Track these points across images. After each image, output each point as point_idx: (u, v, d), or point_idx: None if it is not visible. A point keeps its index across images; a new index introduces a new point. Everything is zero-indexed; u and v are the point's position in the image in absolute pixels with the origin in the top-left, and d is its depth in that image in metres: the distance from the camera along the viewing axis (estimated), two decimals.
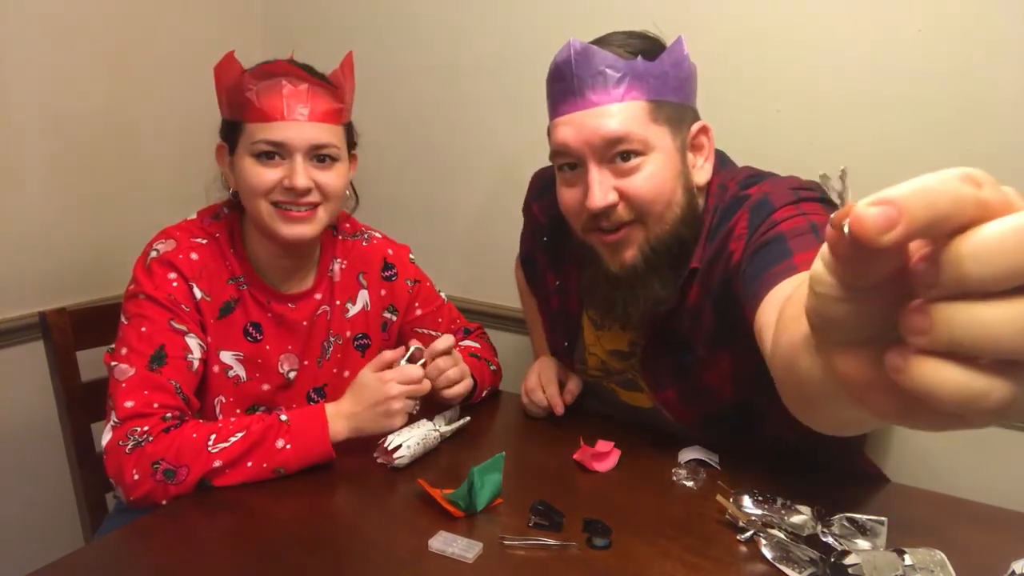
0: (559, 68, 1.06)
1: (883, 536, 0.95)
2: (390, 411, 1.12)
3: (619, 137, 1.02)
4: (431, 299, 1.41)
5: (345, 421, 1.11)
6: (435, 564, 0.90)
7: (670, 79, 1.05)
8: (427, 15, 1.87)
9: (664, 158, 1.05)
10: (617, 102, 1.02)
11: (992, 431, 1.46)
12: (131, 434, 1.04)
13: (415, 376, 1.14)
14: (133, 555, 0.96)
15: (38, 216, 1.62)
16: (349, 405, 1.12)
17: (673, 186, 1.06)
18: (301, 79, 1.13)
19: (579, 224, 1.10)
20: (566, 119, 1.05)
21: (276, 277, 1.24)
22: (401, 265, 1.37)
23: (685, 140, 1.08)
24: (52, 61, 1.60)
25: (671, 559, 0.92)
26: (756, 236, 1.00)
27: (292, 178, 1.12)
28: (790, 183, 1.05)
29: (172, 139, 1.78)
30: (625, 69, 1.02)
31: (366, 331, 1.33)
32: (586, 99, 1.03)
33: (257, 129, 1.12)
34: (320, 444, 1.07)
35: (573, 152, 1.05)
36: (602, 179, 1.04)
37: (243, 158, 1.14)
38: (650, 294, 1.09)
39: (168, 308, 1.12)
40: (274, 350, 1.22)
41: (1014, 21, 1.33)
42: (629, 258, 1.08)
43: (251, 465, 1.03)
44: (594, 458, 1.13)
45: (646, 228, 1.07)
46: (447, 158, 1.92)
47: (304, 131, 1.12)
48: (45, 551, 1.02)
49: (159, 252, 1.15)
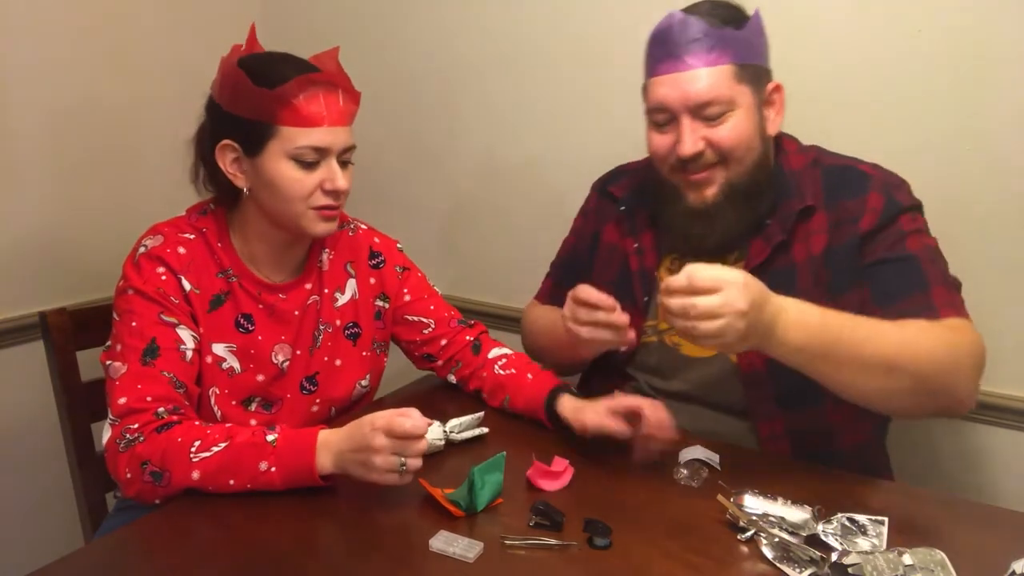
0: (661, 33, 1.22)
1: (883, 536, 0.95)
2: (368, 464, 0.99)
3: (710, 99, 1.18)
4: (420, 287, 1.41)
5: (332, 456, 1.03)
6: (436, 564, 0.90)
7: (752, 45, 1.23)
8: (416, 16, 1.88)
9: (745, 112, 1.21)
10: (709, 65, 1.18)
11: (992, 431, 1.46)
12: (126, 432, 1.05)
13: (405, 430, 0.98)
14: (133, 555, 0.96)
15: (38, 216, 1.62)
16: (338, 440, 1.03)
17: (752, 135, 1.22)
18: (336, 85, 1.14)
19: (666, 167, 1.26)
20: (664, 79, 1.21)
21: (267, 268, 1.25)
22: (388, 253, 1.38)
23: (762, 97, 1.24)
24: (52, 62, 1.61)
25: (671, 559, 0.92)
26: (885, 233, 1.19)
27: (334, 181, 1.15)
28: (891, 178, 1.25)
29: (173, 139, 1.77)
30: (717, 36, 1.18)
31: (356, 320, 1.33)
32: (683, 62, 1.19)
33: (299, 134, 1.12)
34: (306, 473, 1.02)
35: (669, 108, 1.21)
36: (693, 130, 1.20)
37: (279, 162, 1.13)
38: (725, 226, 1.24)
39: (157, 302, 1.13)
40: (267, 340, 1.23)
41: (1015, 21, 1.34)
42: (710, 195, 1.23)
43: (233, 484, 1.02)
44: (544, 476, 1.08)
45: (727, 169, 1.22)
46: (431, 157, 1.93)
47: (339, 136, 1.15)
48: (45, 551, 1.02)
49: (147, 248, 1.16)
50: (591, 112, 1.73)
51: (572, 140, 1.76)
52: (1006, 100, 1.36)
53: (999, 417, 1.45)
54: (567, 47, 1.73)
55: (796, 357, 1.08)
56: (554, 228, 1.77)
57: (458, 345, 1.40)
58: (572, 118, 1.76)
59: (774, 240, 1.24)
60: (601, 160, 1.58)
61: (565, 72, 1.74)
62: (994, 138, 1.38)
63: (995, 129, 1.38)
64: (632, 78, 1.24)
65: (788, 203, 1.25)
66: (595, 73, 1.71)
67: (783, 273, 1.22)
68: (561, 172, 1.79)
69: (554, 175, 1.80)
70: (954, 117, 1.41)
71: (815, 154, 1.31)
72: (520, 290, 1.82)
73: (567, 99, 1.75)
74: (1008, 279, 1.40)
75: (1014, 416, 1.44)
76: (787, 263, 1.24)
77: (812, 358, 1.08)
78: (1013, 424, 1.44)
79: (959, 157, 1.41)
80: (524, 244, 1.86)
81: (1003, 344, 1.42)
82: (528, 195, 1.84)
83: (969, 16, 1.37)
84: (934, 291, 1.15)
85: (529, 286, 1.59)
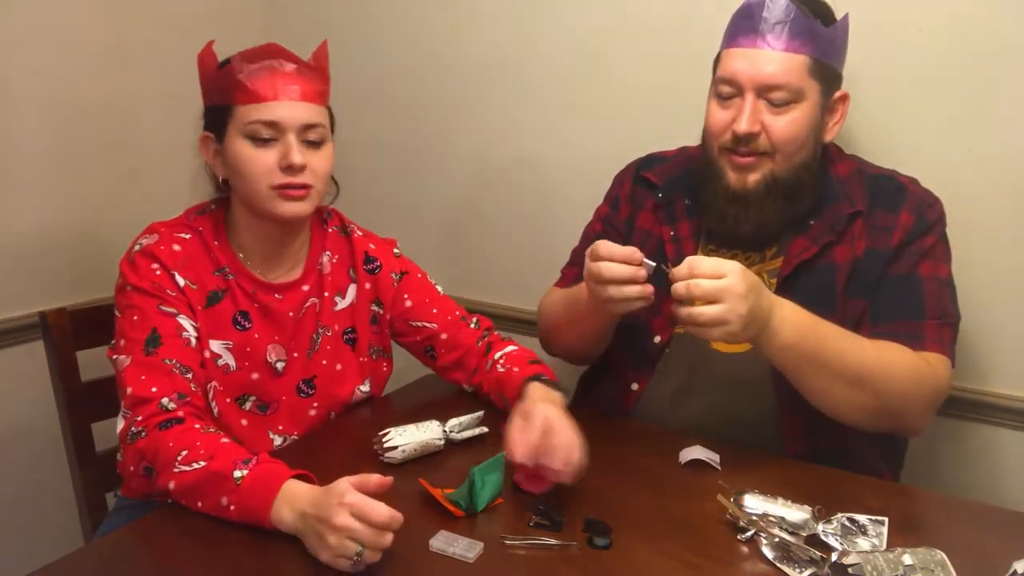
0: (750, 6, 1.22)
1: (883, 536, 0.95)
2: (322, 538, 0.88)
3: (780, 83, 1.19)
4: (422, 289, 1.39)
5: (294, 515, 0.93)
6: (436, 564, 0.91)
7: (834, 46, 1.23)
8: (417, 16, 1.88)
9: (809, 109, 1.22)
10: (788, 51, 1.19)
11: (992, 431, 1.46)
12: (133, 424, 1.06)
13: (379, 519, 0.86)
14: (133, 555, 0.96)
15: (38, 216, 1.62)
16: (306, 499, 0.93)
17: (807, 135, 1.23)
18: (289, 60, 1.16)
19: (717, 144, 1.26)
20: (741, 52, 1.22)
21: (264, 266, 1.25)
22: (384, 258, 1.37)
23: (828, 100, 1.25)
24: (52, 62, 1.60)
25: (671, 559, 0.92)
26: (906, 251, 1.22)
27: (289, 155, 1.14)
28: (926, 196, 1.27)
29: (173, 140, 1.77)
30: (803, 25, 1.19)
31: (353, 325, 1.33)
32: (764, 40, 1.20)
33: (250, 110, 1.14)
34: (260, 521, 0.95)
35: (738, 82, 1.22)
36: (754, 109, 1.20)
37: (236, 141, 1.15)
38: (760, 217, 1.25)
39: (154, 295, 1.14)
40: (262, 339, 1.23)
41: (1015, 21, 1.34)
42: (752, 181, 1.24)
43: (201, 506, 1.00)
44: (528, 479, 1.07)
45: (774, 162, 1.23)
46: (430, 157, 1.94)
47: (296, 111, 1.15)
48: (45, 551, 1.02)
49: (142, 246, 1.17)
50: (591, 113, 1.73)
51: (572, 141, 1.76)
52: (1006, 99, 1.36)
53: (999, 417, 1.45)
54: (568, 48, 1.72)
55: (785, 354, 1.12)
56: (553, 228, 1.78)
57: (465, 346, 1.37)
58: (572, 119, 1.75)
59: (822, 240, 1.25)
60: (601, 161, 1.58)
61: (566, 72, 1.74)
62: (994, 138, 1.38)
63: (995, 129, 1.38)
64: (633, 78, 1.25)
65: (836, 207, 1.27)
66: (596, 74, 1.71)
67: (824, 270, 1.25)
68: (560, 172, 1.79)
69: (554, 175, 1.80)
70: (954, 117, 1.40)
71: (857, 163, 1.33)
72: (520, 290, 1.83)
73: (567, 100, 1.75)
74: (1008, 279, 1.40)
75: (1014, 416, 1.43)
76: (829, 261, 1.25)
77: (799, 357, 1.12)
78: (1013, 424, 1.44)
79: (959, 157, 1.41)
80: (523, 244, 1.86)
81: (1003, 344, 1.42)
82: (528, 195, 1.84)
83: (969, 15, 1.37)
84: (927, 324, 1.19)
85: (528, 285, 1.59)
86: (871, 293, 1.23)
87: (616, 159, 1.52)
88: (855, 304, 1.23)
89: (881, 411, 1.15)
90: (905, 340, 1.17)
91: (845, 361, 1.12)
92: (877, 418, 1.17)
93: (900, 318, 1.20)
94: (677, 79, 1.57)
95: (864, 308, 1.23)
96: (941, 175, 1.33)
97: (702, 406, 1.30)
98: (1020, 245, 1.39)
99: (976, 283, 1.27)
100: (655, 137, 1.52)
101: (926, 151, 1.42)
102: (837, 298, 1.23)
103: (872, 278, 1.23)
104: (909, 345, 1.17)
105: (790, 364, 1.14)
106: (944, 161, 1.41)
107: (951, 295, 1.23)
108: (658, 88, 1.62)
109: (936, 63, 1.40)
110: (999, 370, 1.44)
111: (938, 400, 1.19)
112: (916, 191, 1.27)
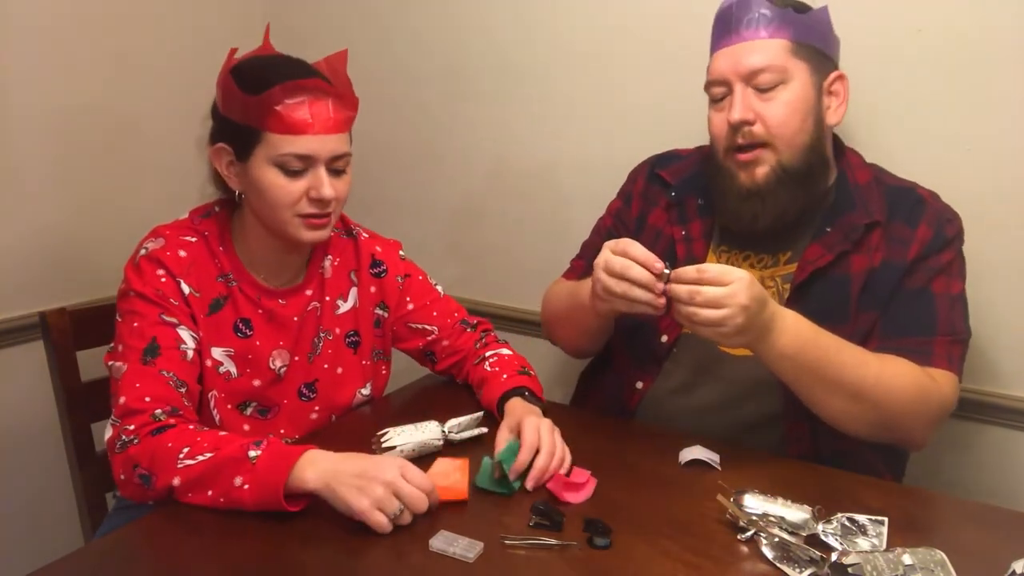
0: (724, 12, 1.27)
1: (883, 536, 0.95)
2: (366, 490, 0.94)
3: (762, 67, 1.21)
4: (423, 292, 1.40)
5: (318, 472, 0.96)
6: (436, 564, 0.90)
7: (812, 29, 1.25)
8: (425, 16, 1.88)
9: (800, 89, 1.22)
10: (766, 38, 1.22)
11: (992, 431, 1.46)
12: (123, 433, 1.05)
13: (423, 483, 0.97)
14: (133, 555, 0.96)
15: (38, 216, 1.62)
16: (335, 459, 0.99)
17: (804, 116, 1.23)
18: (326, 91, 1.12)
19: (722, 146, 1.27)
20: (723, 52, 1.26)
21: (268, 273, 1.24)
22: (390, 261, 1.37)
23: (823, 83, 1.25)
24: (52, 62, 1.61)
25: (671, 559, 0.92)
26: (922, 265, 1.22)
27: (320, 189, 1.13)
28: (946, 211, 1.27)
29: (173, 140, 1.78)
30: (775, 13, 1.23)
31: (356, 328, 1.33)
32: (740, 35, 1.23)
33: (284, 142, 1.11)
34: (273, 493, 0.96)
35: (725, 78, 1.24)
36: (744, 97, 1.22)
37: (263, 168, 1.13)
38: (777, 208, 1.25)
39: (157, 303, 1.13)
40: (265, 346, 1.22)
41: (1015, 21, 1.34)
42: (761, 175, 1.24)
43: (211, 495, 1.00)
44: (566, 488, 1.06)
45: (777, 151, 1.23)
46: (437, 157, 1.93)
47: (327, 143, 1.13)
48: (45, 551, 1.02)
49: (148, 250, 1.16)
50: (599, 115, 1.73)
51: (579, 142, 1.76)
52: (1006, 100, 1.36)
53: (999, 417, 1.45)
54: (576, 49, 1.72)
55: (783, 363, 1.12)
56: (559, 230, 1.78)
57: (464, 351, 1.40)
58: (580, 120, 1.75)
59: (837, 249, 1.24)
60: (610, 164, 1.58)
61: (573, 74, 1.74)
62: (994, 138, 1.38)
63: (995, 129, 1.38)
64: (641, 82, 1.25)
65: (852, 215, 1.26)
66: (604, 76, 1.70)
67: (839, 280, 1.24)
68: (567, 174, 1.79)
69: (560, 177, 1.80)
70: (954, 117, 1.40)
71: (876, 172, 1.32)
72: (524, 291, 1.83)
73: (575, 102, 1.75)
74: (1008, 279, 1.40)
75: (1014, 416, 1.43)
76: (844, 271, 1.25)
77: (797, 368, 1.13)
78: (1013, 424, 1.44)
79: (959, 157, 1.41)
80: (529, 245, 1.86)
81: (1003, 344, 1.42)
82: (534, 197, 1.84)
83: (969, 15, 1.37)
84: (937, 340, 1.19)
85: (534, 287, 1.58)
86: (883, 306, 1.22)
87: (625, 162, 1.52)
88: (867, 316, 1.22)
89: (881, 424, 1.16)
90: (914, 356, 1.17)
91: (845, 374, 1.12)
92: (877, 431, 1.17)
93: (910, 334, 1.20)
94: (686, 81, 1.56)
95: (875, 320, 1.22)
96: (941, 176, 1.33)
97: (706, 407, 1.29)
98: (1020, 245, 1.39)
99: (976, 283, 1.26)
100: (664, 141, 1.52)
101: (926, 151, 1.42)
102: (851, 308, 1.22)
103: (886, 291, 1.22)
104: (917, 361, 1.16)
105: (788, 373, 1.14)
106: (944, 161, 1.41)
107: (963, 312, 1.23)
108: (667, 91, 1.62)
109: (936, 63, 1.40)
110: (999, 370, 1.44)
111: (942, 417, 1.19)
112: (936, 206, 1.26)
